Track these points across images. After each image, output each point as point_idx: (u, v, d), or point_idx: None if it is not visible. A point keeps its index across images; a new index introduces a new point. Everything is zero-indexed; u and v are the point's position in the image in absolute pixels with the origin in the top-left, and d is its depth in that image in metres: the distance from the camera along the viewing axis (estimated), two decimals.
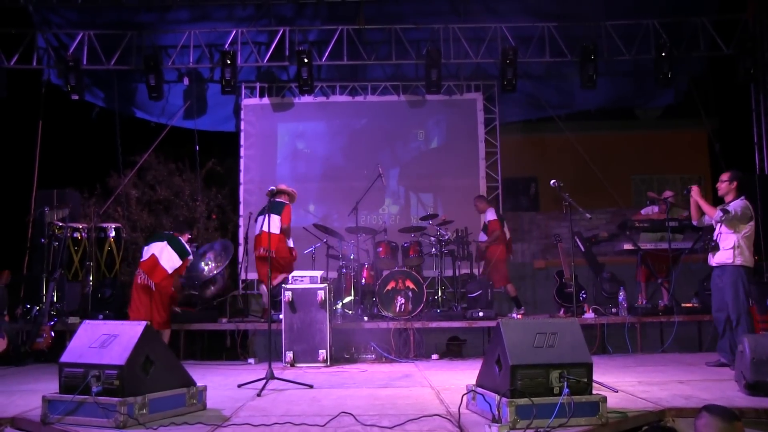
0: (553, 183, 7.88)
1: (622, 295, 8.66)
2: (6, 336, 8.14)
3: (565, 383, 4.08)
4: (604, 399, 4.15)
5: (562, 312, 9.26)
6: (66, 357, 4.44)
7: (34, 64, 12.12)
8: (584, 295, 9.34)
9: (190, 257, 8.41)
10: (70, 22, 12.21)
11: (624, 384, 5.57)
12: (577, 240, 9.36)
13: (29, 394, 5.48)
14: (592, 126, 13.97)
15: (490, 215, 10.16)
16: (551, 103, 12.61)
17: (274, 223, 8.25)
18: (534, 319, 8.17)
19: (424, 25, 11.89)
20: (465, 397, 4.62)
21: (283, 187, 9.03)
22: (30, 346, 8.30)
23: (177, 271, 8.16)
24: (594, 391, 4.25)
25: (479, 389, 4.51)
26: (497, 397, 4.14)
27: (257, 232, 8.85)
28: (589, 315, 8.65)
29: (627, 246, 9.06)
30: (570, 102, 12.69)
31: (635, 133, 15.58)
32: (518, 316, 9.26)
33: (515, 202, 14.03)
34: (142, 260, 8.20)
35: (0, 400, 5.34)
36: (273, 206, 7.74)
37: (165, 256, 8.06)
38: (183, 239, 8.34)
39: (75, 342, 4.53)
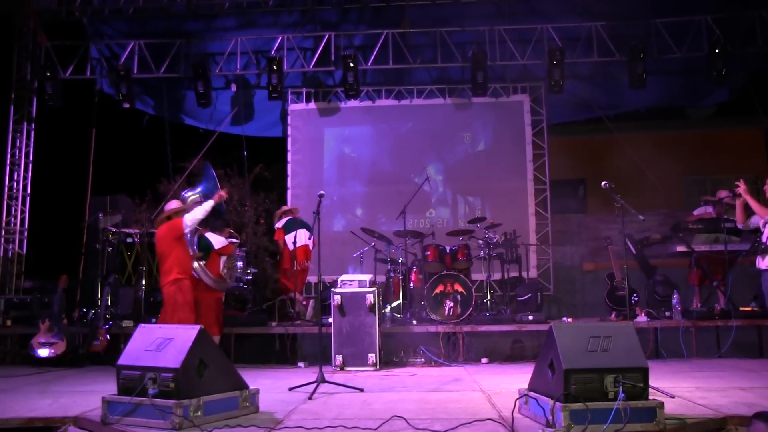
0: (605, 184, 7.75)
1: (675, 298, 8.48)
2: (65, 338, 8.35)
3: (621, 388, 4.00)
4: (662, 405, 4.05)
5: (613, 315, 9.10)
6: (123, 360, 4.53)
7: (88, 74, 12.47)
8: (636, 299, 9.15)
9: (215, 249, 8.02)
10: (121, 33, 12.54)
11: (680, 390, 5.43)
12: (629, 242, 9.20)
13: (89, 394, 5.62)
14: (642, 126, 13.70)
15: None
16: (599, 103, 12.45)
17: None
18: (585, 322, 8.05)
19: (469, 28, 11.86)
20: (518, 402, 4.56)
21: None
22: (87, 348, 8.50)
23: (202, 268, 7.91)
24: (649, 397, 4.16)
25: (532, 393, 4.46)
26: (551, 401, 4.08)
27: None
28: (642, 318, 8.49)
29: (680, 248, 8.87)
30: (619, 102, 12.50)
31: (686, 132, 15.23)
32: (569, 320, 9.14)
33: (563, 204, 13.83)
34: None
35: (62, 400, 5.50)
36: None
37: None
38: (207, 235, 8.03)
39: (131, 345, 4.61)
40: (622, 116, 12.89)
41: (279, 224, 9.97)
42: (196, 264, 7.57)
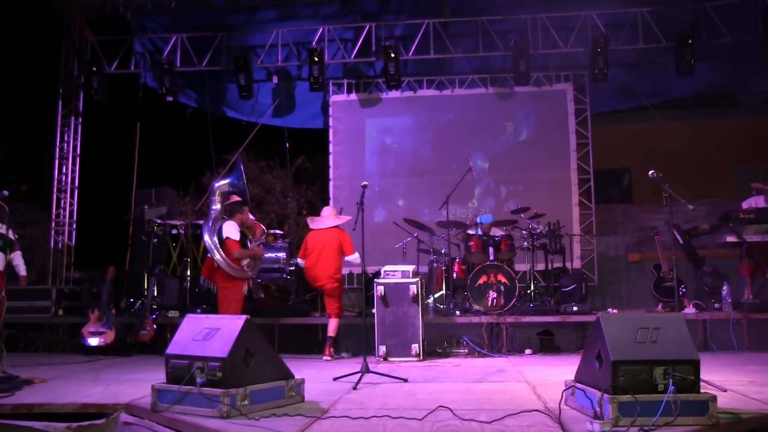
0: (652, 174, 7.58)
1: (725, 289, 8.31)
2: (114, 328, 8.53)
3: (671, 380, 3.92)
4: (714, 398, 3.95)
5: (660, 307, 8.96)
6: (171, 349, 4.60)
7: (132, 68, 12.68)
8: (684, 290, 8.99)
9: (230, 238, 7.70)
10: (164, 27, 12.72)
11: (732, 383, 5.32)
12: (676, 232, 9.02)
13: (138, 383, 5.73)
14: (689, 114, 13.39)
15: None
16: (645, 91, 12.18)
17: None
18: (632, 314, 7.94)
19: (511, 16, 11.72)
20: (564, 393, 4.52)
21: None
22: (135, 338, 8.67)
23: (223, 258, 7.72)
24: (701, 390, 4.07)
25: (579, 385, 4.41)
26: (598, 393, 4.03)
27: None
28: (690, 310, 8.35)
29: (730, 238, 8.67)
30: (665, 89, 12.23)
31: (737, 119, 14.81)
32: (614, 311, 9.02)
33: (607, 194, 13.62)
34: None
35: (113, 387, 5.63)
36: None
37: None
38: (224, 225, 7.74)
39: (179, 335, 4.68)
40: (668, 104, 12.59)
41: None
42: (217, 255, 7.56)
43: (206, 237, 7.62)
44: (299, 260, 8.47)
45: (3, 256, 7.46)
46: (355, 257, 7.97)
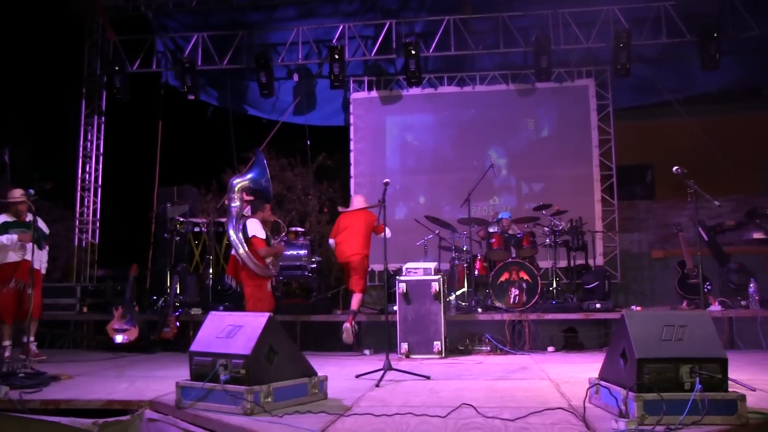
0: (676, 170, 7.47)
1: (752, 286, 8.21)
2: (137, 325, 8.60)
3: (697, 379, 3.87)
4: (743, 397, 3.87)
5: (684, 304, 8.88)
6: (195, 346, 4.62)
7: (154, 67, 12.79)
8: (709, 287, 8.88)
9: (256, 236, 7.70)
10: (185, 26, 12.81)
11: (761, 382, 5.21)
12: (701, 229, 8.93)
13: (162, 380, 5.76)
14: (714, 109, 13.20)
15: None
16: (668, 86, 12.06)
17: None
18: (657, 311, 7.86)
19: (531, 12, 11.65)
20: (588, 391, 4.48)
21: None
22: (158, 335, 8.73)
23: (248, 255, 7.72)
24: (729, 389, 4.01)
25: (603, 383, 4.37)
26: (623, 391, 3.98)
27: None
28: (716, 307, 8.26)
29: (757, 235, 8.60)
30: (689, 85, 12.10)
31: (763, 114, 14.58)
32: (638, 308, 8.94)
33: (630, 190, 13.51)
34: None
35: (138, 384, 5.67)
36: None
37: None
38: (248, 222, 7.72)
39: (203, 332, 4.70)
40: (692, 99, 12.43)
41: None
42: (242, 250, 7.57)
43: (231, 233, 7.64)
44: (330, 240, 8.75)
45: (38, 251, 7.54)
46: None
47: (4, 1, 11.55)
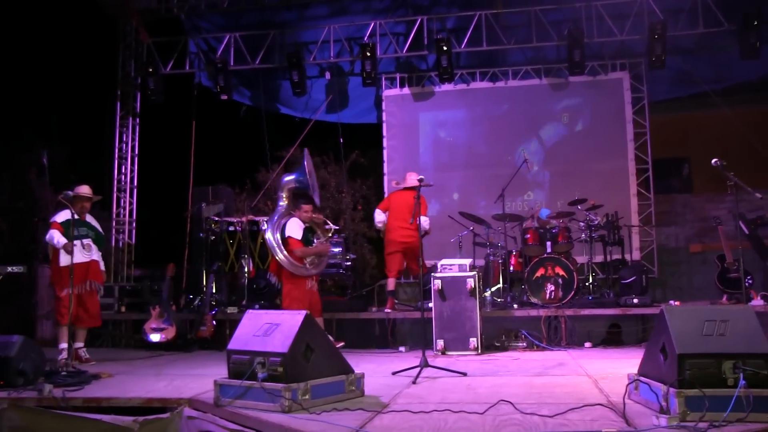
0: (715, 162, 7.34)
1: None
2: (174, 324, 8.70)
3: (741, 374, 3.79)
4: None
5: (724, 299, 8.72)
6: (233, 344, 4.66)
7: (187, 68, 12.91)
8: (750, 281, 8.71)
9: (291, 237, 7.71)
10: (217, 26, 12.93)
11: None
12: (741, 222, 8.75)
13: (200, 378, 5.82)
14: (753, 99, 12.89)
15: None
16: (705, 77, 11.83)
17: None
18: (696, 306, 7.74)
19: (564, 5, 11.52)
20: (628, 387, 4.42)
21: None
22: (195, 333, 8.82)
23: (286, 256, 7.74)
24: None
25: (643, 378, 4.31)
26: (664, 387, 3.91)
27: None
28: (758, 302, 8.09)
29: None
30: (727, 75, 11.83)
31: None
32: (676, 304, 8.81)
33: (666, 183, 13.30)
34: None
35: (176, 382, 5.74)
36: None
37: None
38: (287, 222, 7.76)
39: (240, 330, 4.73)
40: (730, 89, 12.17)
41: None
42: (279, 254, 7.61)
43: (269, 235, 7.68)
44: (378, 212, 9.03)
45: (99, 253, 7.64)
46: (426, 219, 8.46)
47: (43, 7, 11.76)
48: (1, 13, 11.52)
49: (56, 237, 7.27)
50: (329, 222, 8.38)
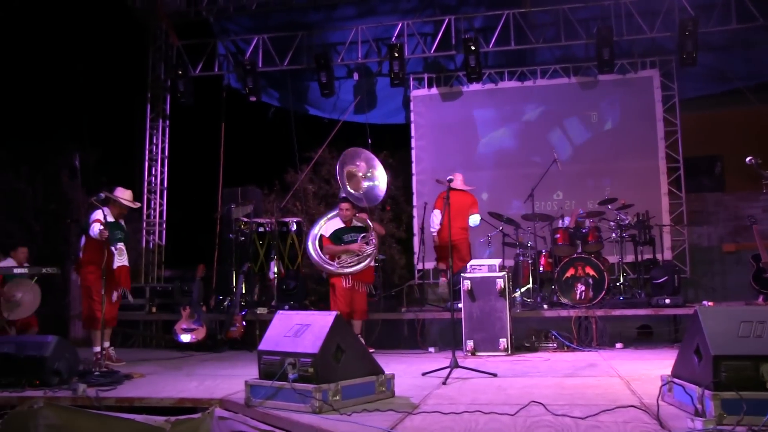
0: (749, 160, 7.19)
1: None
2: (205, 325, 8.76)
3: None
4: None
5: (761, 299, 8.56)
6: (264, 345, 4.68)
7: (216, 70, 13.03)
8: None
9: (323, 236, 7.90)
10: (246, 28, 13.01)
11: None
12: None
13: (231, 378, 5.84)
14: None
15: None
16: (738, 74, 11.65)
17: None
18: (730, 306, 7.61)
19: (592, 3, 11.43)
20: (661, 389, 4.36)
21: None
22: (225, 334, 8.88)
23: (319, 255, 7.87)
24: None
25: (677, 380, 4.24)
26: (699, 389, 3.84)
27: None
28: None
29: None
30: (761, 71, 11.61)
31: None
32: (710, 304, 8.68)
33: (698, 182, 13.13)
34: None
35: (207, 382, 5.77)
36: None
37: None
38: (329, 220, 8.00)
39: (271, 331, 4.75)
40: (764, 86, 11.99)
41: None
42: (315, 257, 7.69)
43: (309, 243, 7.89)
44: (435, 210, 8.99)
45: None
46: (477, 217, 8.72)
47: (75, 12, 11.93)
48: (34, 17, 11.72)
49: (96, 227, 6.90)
50: (370, 221, 8.26)
